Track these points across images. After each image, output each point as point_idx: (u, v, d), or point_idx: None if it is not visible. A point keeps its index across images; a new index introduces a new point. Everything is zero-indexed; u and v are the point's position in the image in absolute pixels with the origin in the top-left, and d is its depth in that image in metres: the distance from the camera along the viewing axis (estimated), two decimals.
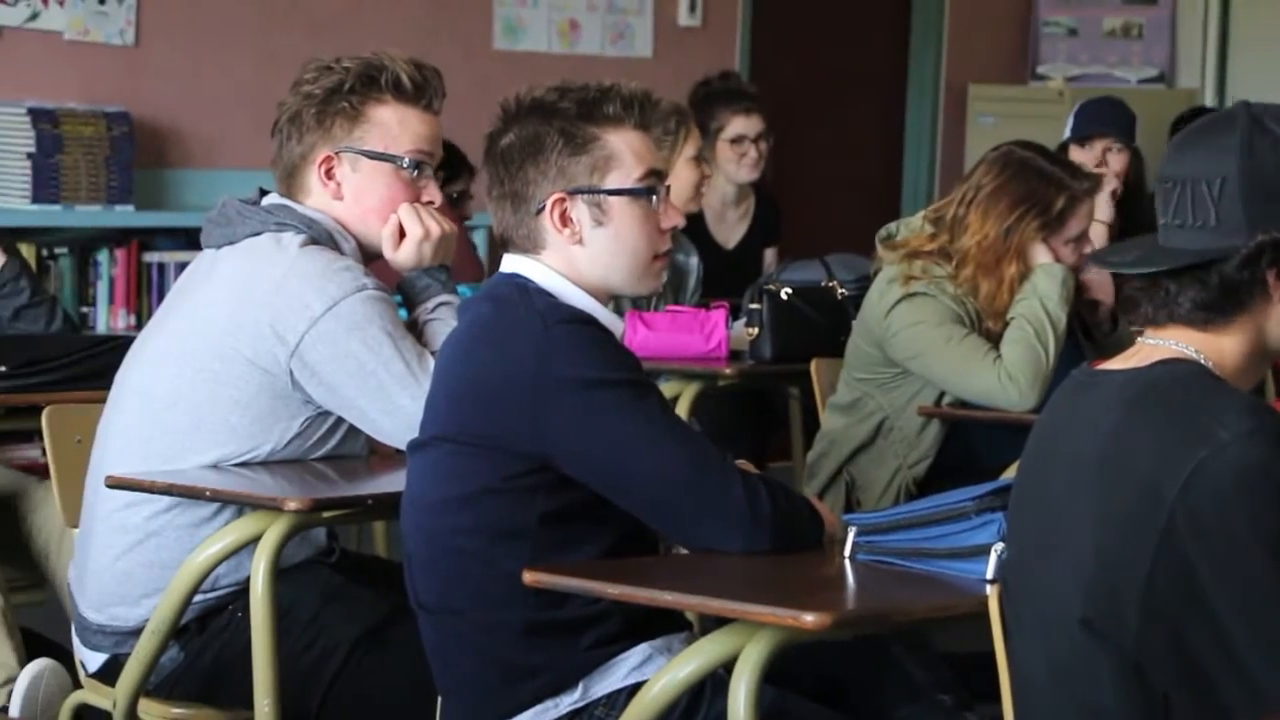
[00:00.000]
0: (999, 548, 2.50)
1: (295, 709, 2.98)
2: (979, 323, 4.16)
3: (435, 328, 3.20)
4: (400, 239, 3.21)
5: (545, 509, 2.63)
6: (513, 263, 2.75)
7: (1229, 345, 2.20)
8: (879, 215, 5.24)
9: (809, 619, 2.33)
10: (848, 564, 2.64)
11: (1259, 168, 2.16)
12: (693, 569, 2.67)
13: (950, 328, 4.13)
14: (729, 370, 4.61)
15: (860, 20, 7.75)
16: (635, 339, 4.48)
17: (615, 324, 2.75)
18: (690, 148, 4.86)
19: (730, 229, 5.93)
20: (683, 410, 4.51)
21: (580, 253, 2.72)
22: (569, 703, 2.64)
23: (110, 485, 3.04)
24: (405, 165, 3.19)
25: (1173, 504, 2.07)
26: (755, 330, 4.60)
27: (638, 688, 2.57)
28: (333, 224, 3.17)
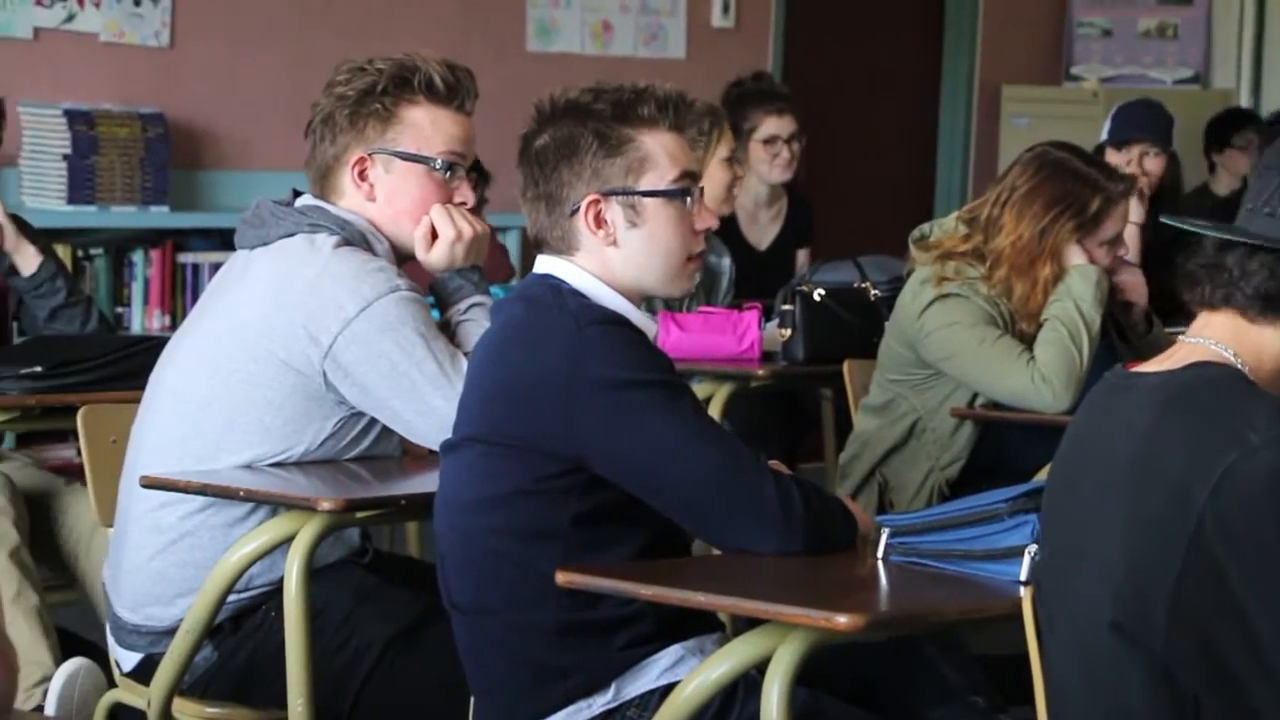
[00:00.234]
0: (1032, 549, 2.49)
1: (328, 708, 2.99)
2: (1012, 324, 4.15)
3: (468, 328, 3.20)
4: (433, 240, 3.21)
5: (578, 510, 2.63)
6: (546, 264, 2.75)
7: (1271, 345, 2.18)
8: (912, 216, 5.24)
9: (842, 620, 2.33)
10: (881, 565, 2.64)
11: None
12: (725, 570, 2.67)
13: (984, 329, 4.12)
14: (762, 371, 4.60)
15: (893, 21, 7.74)
16: (668, 340, 4.48)
17: (648, 325, 2.75)
18: (723, 149, 4.86)
19: (763, 230, 5.93)
20: (715, 411, 4.51)
21: (614, 254, 2.72)
22: (602, 703, 2.64)
23: (145, 485, 3.05)
24: (438, 166, 3.19)
25: (1202, 507, 2.06)
26: (788, 331, 4.59)
27: (670, 688, 2.57)
28: (366, 225, 3.18)
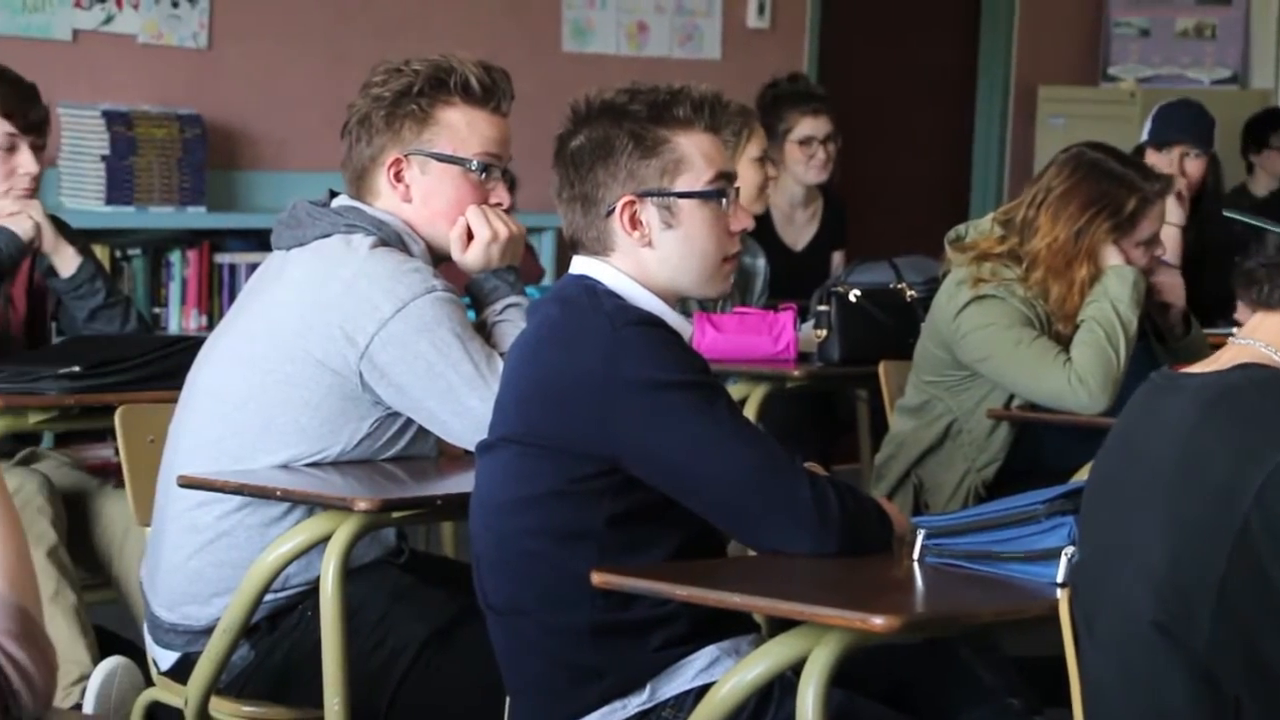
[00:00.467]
0: (1069, 551, 2.49)
1: (364, 708, 2.99)
2: (1049, 325, 4.14)
3: (504, 329, 3.21)
4: (468, 241, 3.22)
5: (613, 511, 2.63)
6: (581, 264, 2.76)
7: None
8: (948, 217, 5.23)
9: (878, 621, 2.33)
10: (916, 567, 2.63)
11: None
12: (761, 571, 2.67)
13: (1020, 330, 4.11)
14: (797, 372, 4.60)
15: (929, 21, 7.72)
16: (703, 341, 4.48)
17: (683, 326, 2.75)
18: (754, 148, 4.85)
19: (799, 231, 5.92)
20: (750, 412, 4.50)
21: (649, 255, 2.72)
22: (637, 704, 2.64)
23: (182, 485, 3.06)
24: (474, 168, 3.20)
25: (1247, 509, 2.06)
26: (823, 332, 4.59)
27: (705, 689, 2.57)
28: (402, 226, 3.19)
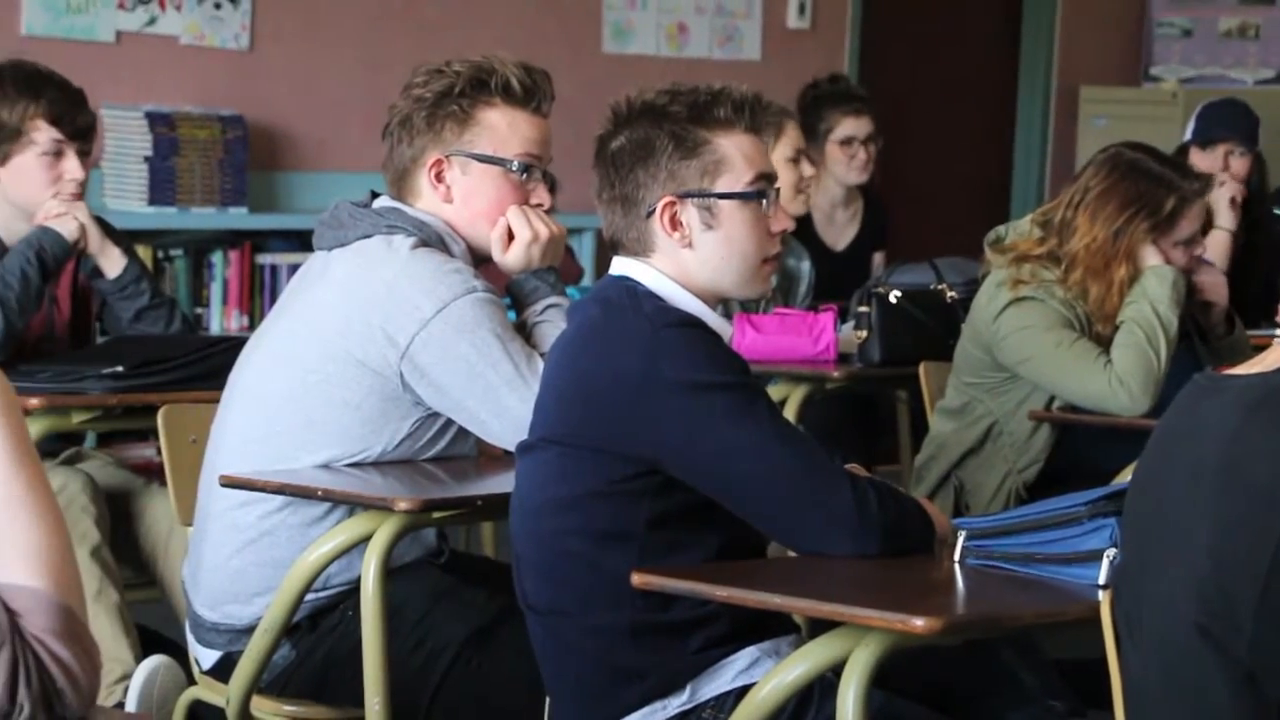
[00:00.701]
0: (1111, 553, 2.48)
1: (405, 708, 3.00)
2: (1088, 326, 4.12)
3: (544, 330, 3.21)
4: (509, 242, 3.22)
5: (652, 512, 2.63)
6: (621, 265, 2.76)
7: None
8: (989, 218, 5.21)
9: (919, 623, 2.32)
10: (957, 568, 2.63)
11: None
12: (801, 572, 2.67)
13: (1060, 332, 4.09)
14: (837, 373, 4.59)
15: (970, 22, 7.70)
16: (744, 342, 4.47)
17: (724, 327, 2.74)
18: (787, 148, 4.83)
19: (839, 231, 5.91)
20: (790, 414, 4.50)
21: (690, 256, 2.72)
22: (677, 705, 2.64)
23: (224, 484, 3.07)
24: (514, 168, 3.20)
25: None
26: (864, 333, 4.58)
27: (746, 690, 2.57)
28: (443, 226, 3.19)
